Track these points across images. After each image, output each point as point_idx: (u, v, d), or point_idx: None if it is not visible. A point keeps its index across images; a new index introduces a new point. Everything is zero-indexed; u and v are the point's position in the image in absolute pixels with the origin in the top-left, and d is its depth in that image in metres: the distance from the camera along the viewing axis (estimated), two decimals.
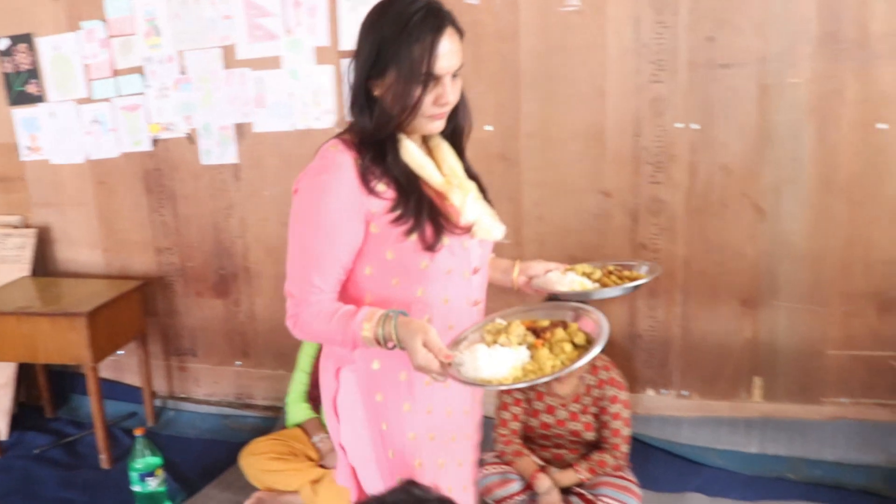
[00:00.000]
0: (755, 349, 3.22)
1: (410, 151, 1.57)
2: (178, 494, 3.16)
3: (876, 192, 3.01)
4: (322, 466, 3.07)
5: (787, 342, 3.18)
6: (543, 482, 2.76)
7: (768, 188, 3.07)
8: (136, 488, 2.99)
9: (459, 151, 1.71)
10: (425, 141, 1.67)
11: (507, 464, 2.86)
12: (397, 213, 1.53)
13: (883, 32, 2.86)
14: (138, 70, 3.54)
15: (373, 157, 1.54)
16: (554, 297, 1.79)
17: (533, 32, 3.13)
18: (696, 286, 3.21)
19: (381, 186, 1.54)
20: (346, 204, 1.51)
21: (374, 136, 1.54)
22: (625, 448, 2.85)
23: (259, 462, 3.06)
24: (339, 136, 1.60)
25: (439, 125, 1.58)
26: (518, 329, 1.58)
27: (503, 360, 1.48)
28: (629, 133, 3.13)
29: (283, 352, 3.65)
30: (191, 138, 3.56)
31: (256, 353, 3.79)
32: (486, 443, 2.58)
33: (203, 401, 3.92)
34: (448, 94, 1.52)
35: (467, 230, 1.62)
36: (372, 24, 1.52)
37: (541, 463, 2.87)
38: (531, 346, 1.54)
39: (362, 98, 1.55)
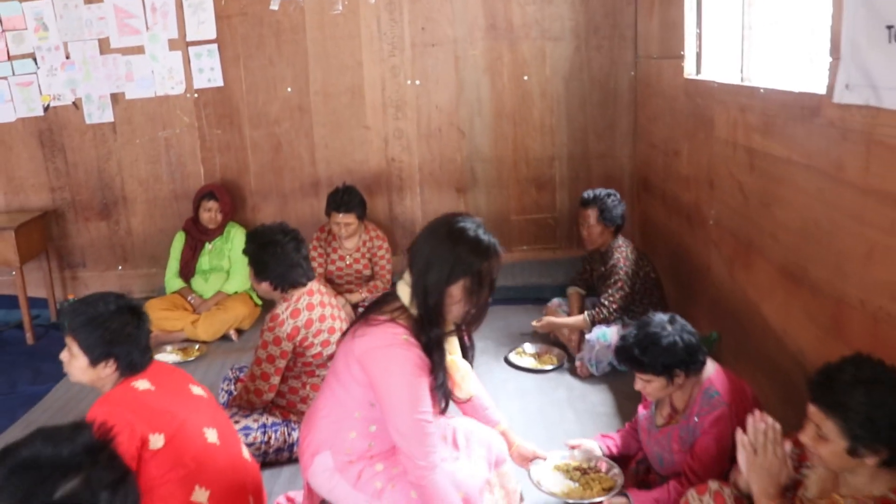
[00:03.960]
0: None
1: None
2: None
3: (527, 117, 5.06)
4: (195, 313, 4.66)
5: (486, 213, 5.15)
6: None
7: (465, 119, 5.04)
8: None
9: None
10: None
11: None
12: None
13: (520, 24, 4.90)
14: (31, 55, 4.91)
15: None
16: None
17: (314, 27, 4.90)
18: (428, 183, 5.14)
19: None
20: None
21: None
22: (389, 277, 4.68)
23: (153, 313, 4.56)
24: None
25: None
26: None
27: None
28: (378, 89, 4.99)
29: (153, 254, 5.16)
30: (76, 105, 4.99)
31: (134, 258, 5.26)
32: None
33: None
34: None
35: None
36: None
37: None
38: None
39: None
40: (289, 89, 4.96)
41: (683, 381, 2.47)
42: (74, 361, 2.34)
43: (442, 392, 2.28)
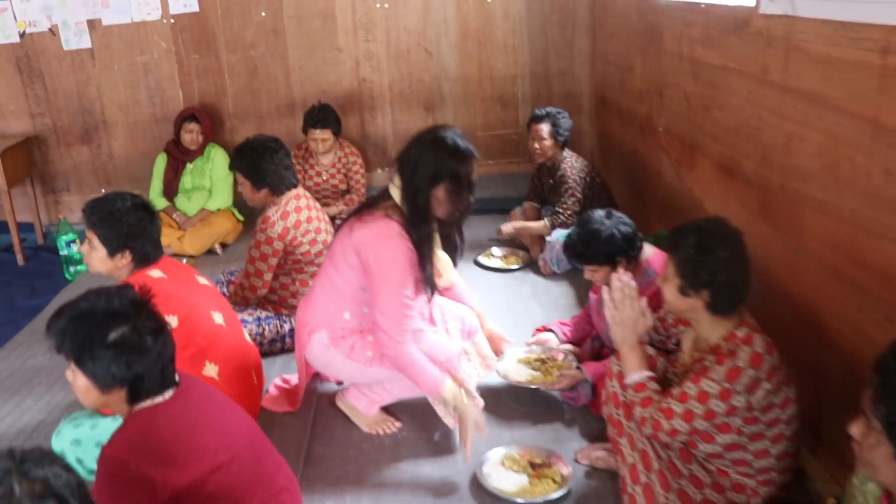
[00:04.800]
0: None
1: None
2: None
3: (491, 37, 5.31)
4: (181, 229, 4.92)
5: None
6: None
7: (432, 39, 5.28)
8: (64, 252, 4.68)
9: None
10: None
11: None
12: None
13: None
14: None
15: None
16: None
17: None
18: (397, 102, 5.40)
19: None
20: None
21: None
22: (363, 191, 4.97)
23: None
24: None
25: None
26: (524, 463, 2.62)
27: (512, 479, 2.55)
28: (349, 12, 5.19)
29: (136, 176, 5.37)
30: (53, 31, 5.12)
31: (117, 180, 5.47)
32: None
33: (78, 223, 5.53)
34: None
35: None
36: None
37: None
38: (530, 476, 2.57)
39: None
40: (263, 14, 5.14)
41: (625, 266, 2.84)
42: (94, 253, 2.63)
43: (428, 283, 2.61)
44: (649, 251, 2.93)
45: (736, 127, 2.93)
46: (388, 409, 2.97)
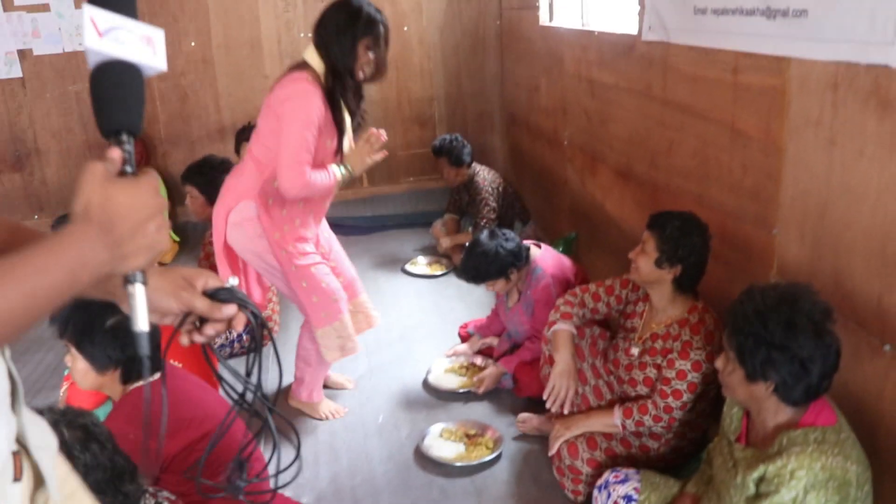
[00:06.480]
0: None
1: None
2: None
3: (408, 62, 5.74)
4: None
5: None
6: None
7: None
8: None
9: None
10: None
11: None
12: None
13: None
14: None
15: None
16: None
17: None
18: None
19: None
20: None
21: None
22: None
23: None
24: None
25: None
26: (460, 434, 3.02)
27: (451, 448, 2.95)
28: (275, 40, 5.53)
29: (69, 202, 5.51)
30: None
31: (50, 207, 5.61)
32: None
33: None
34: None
35: None
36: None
37: None
38: (466, 444, 2.97)
39: None
40: (193, 44, 5.42)
41: (517, 274, 3.27)
42: None
43: (339, 137, 2.88)
44: (537, 252, 3.37)
45: (628, 136, 3.41)
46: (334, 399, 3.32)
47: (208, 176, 3.68)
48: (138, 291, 0.96)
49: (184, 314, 1.11)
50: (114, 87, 0.96)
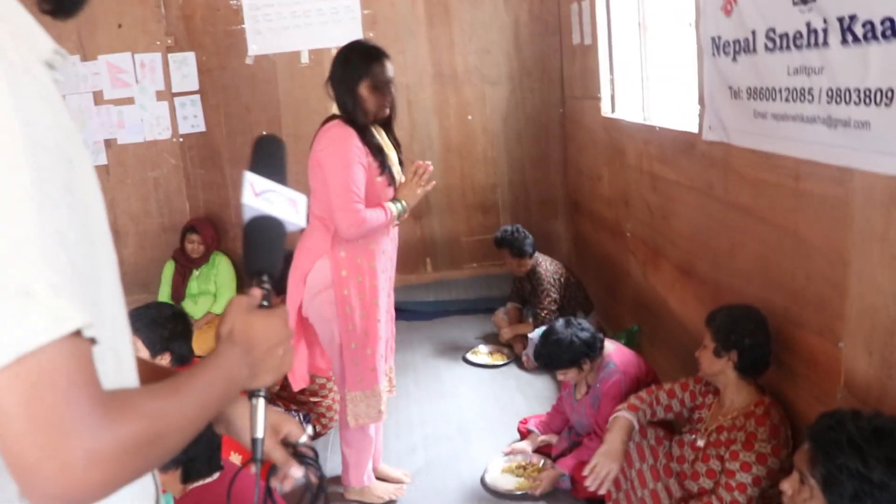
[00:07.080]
0: (424, 242, 5.92)
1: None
2: None
3: (472, 150, 5.84)
4: None
5: (440, 235, 5.89)
6: None
7: (418, 154, 5.76)
8: None
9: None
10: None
11: None
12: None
13: (463, 71, 5.70)
14: None
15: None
16: None
17: (285, 77, 5.60)
18: None
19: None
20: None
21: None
22: None
23: None
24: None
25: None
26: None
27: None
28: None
29: (145, 282, 5.73)
30: None
31: (126, 286, 5.53)
32: None
33: None
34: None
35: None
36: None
37: None
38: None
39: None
40: (264, 132, 5.62)
41: (590, 364, 3.24)
42: (138, 354, 2.98)
43: (387, 170, 2.99)
44: (611, 347, 3.33)
45: (690, 234, 3.37)
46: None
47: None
48: (260, 404, 1.11)
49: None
50: (261, 237, 1.16)
